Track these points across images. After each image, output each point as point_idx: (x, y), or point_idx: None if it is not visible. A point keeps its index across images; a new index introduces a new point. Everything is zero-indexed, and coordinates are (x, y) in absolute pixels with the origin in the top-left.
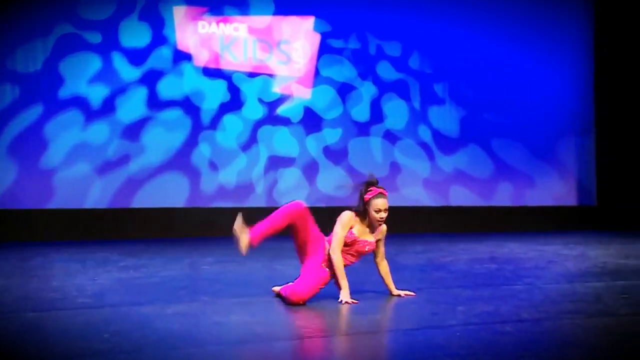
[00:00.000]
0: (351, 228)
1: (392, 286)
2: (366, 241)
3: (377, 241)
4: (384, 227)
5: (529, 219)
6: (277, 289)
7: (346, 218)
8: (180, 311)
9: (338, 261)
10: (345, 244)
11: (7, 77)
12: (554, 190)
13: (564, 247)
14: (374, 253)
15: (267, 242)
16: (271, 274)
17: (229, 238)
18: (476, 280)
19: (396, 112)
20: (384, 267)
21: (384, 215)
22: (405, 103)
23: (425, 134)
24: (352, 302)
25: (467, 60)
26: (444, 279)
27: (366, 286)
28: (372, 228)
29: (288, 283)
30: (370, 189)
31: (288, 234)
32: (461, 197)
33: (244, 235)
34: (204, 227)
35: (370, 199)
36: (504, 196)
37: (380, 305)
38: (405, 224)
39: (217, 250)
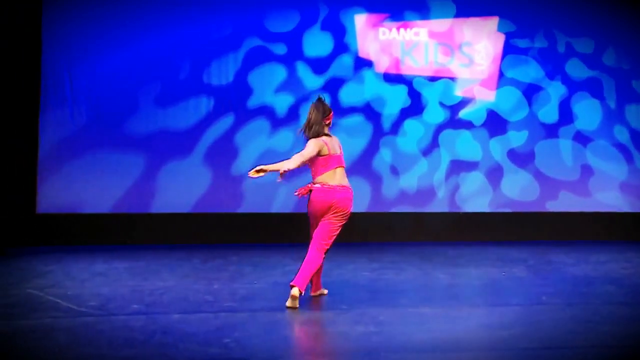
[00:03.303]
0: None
1: None
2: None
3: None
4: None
5: None
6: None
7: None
8: (314, 318)
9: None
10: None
11: (203, 90)
12: None
13: None
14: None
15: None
16: (428, 282)
17: (405, 243)
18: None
19: (588, 112)
20: None
21: None
22: (599, 102)
23: (621, 134)
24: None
25: None
26: (609, 293)
27: (513, 299)
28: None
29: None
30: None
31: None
32: None
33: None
34: (383, 232)
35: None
36: None
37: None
38: (599, 230)
39: (387, 256)
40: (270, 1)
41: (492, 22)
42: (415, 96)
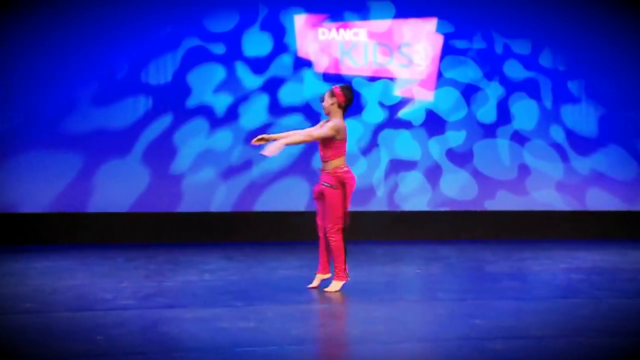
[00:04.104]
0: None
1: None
2: None
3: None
4: None
5: None
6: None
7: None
8: (201, 315)
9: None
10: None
11: (141, 89)
12: None
13: None
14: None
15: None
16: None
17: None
18: (554, 292)
19: (525, 112)
20: None
21: None
22: (535, 103)
23: (557, 134)
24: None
25: (606, 55)
26: (507, 288)
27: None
28: None
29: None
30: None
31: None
32: (600, 201)
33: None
34: None
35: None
36: None
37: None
38: (535, 229)
39: (313, 255)
40: (210, 1)
41: (431, 23)
42: (354, 96)
